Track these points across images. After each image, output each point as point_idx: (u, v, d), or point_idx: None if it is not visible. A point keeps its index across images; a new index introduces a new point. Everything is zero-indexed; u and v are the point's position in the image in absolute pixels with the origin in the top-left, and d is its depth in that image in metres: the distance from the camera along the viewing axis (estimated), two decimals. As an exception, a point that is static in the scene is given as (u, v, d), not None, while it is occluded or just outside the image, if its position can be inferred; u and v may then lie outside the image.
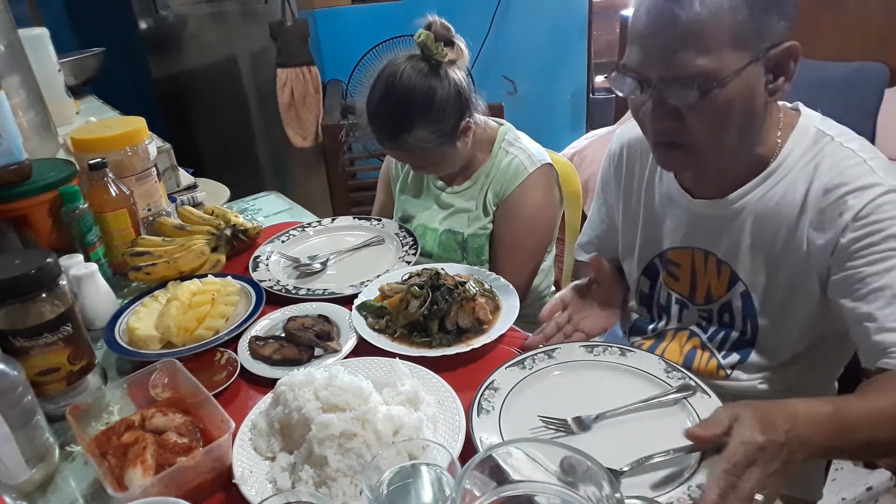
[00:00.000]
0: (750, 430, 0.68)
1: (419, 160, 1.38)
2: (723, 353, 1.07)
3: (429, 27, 1.31)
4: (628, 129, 1.15)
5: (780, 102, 0.97)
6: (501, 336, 1.04)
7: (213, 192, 1.94)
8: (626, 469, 0.75)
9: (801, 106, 0.97)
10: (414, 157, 1.36)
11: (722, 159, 0.93)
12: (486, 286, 1.14)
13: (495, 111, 1.50)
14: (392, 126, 1.29)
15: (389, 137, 1.31)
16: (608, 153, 1.20)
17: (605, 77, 0.98)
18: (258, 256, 1.35)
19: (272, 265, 1.33)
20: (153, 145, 1.45)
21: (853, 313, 0.86)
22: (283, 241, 1.43)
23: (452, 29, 1.34)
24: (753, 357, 1.04)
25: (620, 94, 0.92)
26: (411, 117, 1.27)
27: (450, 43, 1.32)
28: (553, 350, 0.98)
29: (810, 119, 0.95)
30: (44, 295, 0.89)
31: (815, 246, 0.91)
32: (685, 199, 1.03)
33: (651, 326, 1.17)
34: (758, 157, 0.94)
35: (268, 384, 0.94)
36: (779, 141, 0.94)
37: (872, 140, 2.55)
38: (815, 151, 0.91)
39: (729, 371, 1.06)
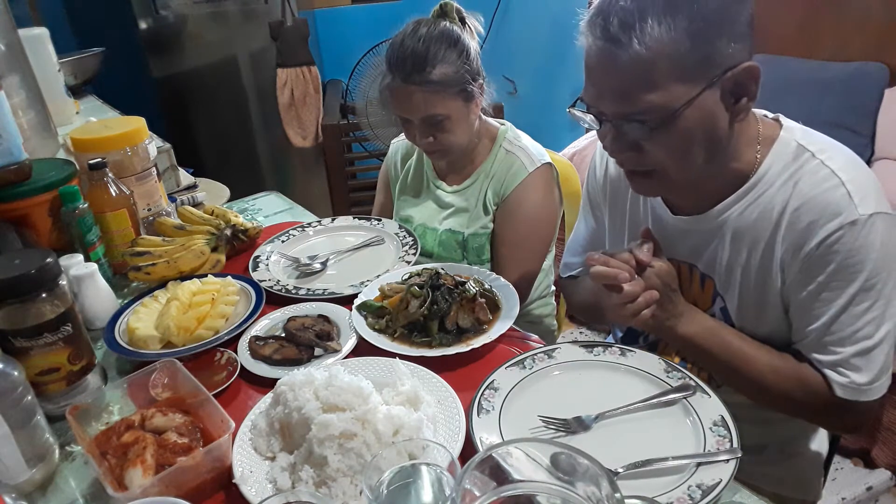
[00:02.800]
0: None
1: (435, 109, 1.31)
2: None
3: (445, 5, 1.36)
4: None
5: (760, 114, 0.95)
6: (501, 336, 1.04)
7: (213, 192, 1.95)
8: (620, 471, 0.75)
9: (782, 118, 0.95)
10: (432, 102, 1.31)
11: (693, 179, 0.92)
12: (486, 286, 1.14)
13: (495, 111, 1.50)
14: (419, 55, 1.28)
15: (414, 68, 1.29)
16: (591, 166, 1.19)
17: (567, 110, 1.00)
18: (258, 256, 1.35)
19: (272, 265, 1.33)
20: (153, 145, 1.45)
21: (795, 330, 0.94)
22: (283, 241, 1.43)
23: (464, 11, 1.38)
24: None
25: (583, 125, 0.93)
26: (438, 50, 1.29)
27: (463, 21, 1.37)
28: (553, 350, 0.98)
29: (791, 132, 0.92)
30: (44, 295, 0.89)
31: (781, 265, 0.91)
32: (667, 214, 1.03)
33: (642, 336, 1.17)
34: (736, 172, 0.93)
35: (268, 384, 0.94)
36: (757, 156, 0.92)
37: (872, 140, 2.55)
38: (796, 167, 0.89)
39: (720, 382, 1.05)
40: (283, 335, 1.07)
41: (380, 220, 1.50)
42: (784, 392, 0.93)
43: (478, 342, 1.01)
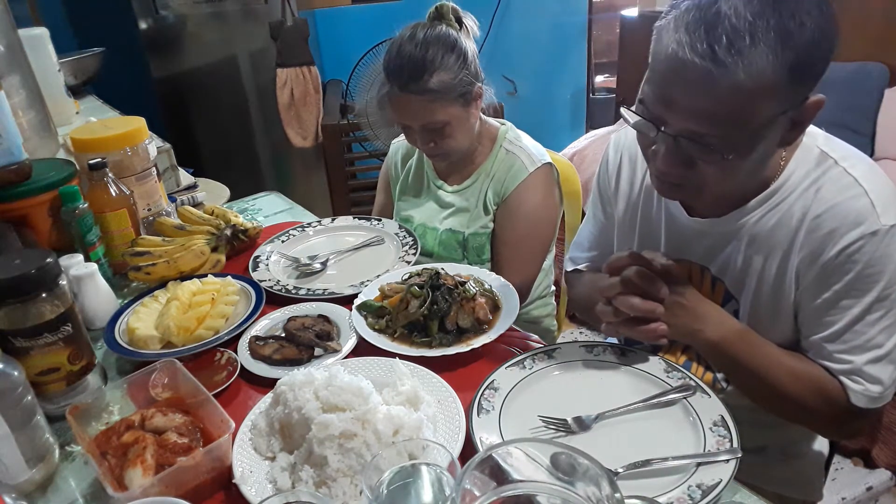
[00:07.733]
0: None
1: (434, 117, 1.31)
2: None
3: (441, 7, 1.36)
4: (625, 136, 1.12)
5: None
6: (501, 336, 1.04)
7: (213, 192, 1.95)
8: (620, 471, 0.75)
9: None
10: (431, 110, 1.31)
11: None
12: (486, 286, 1.14)
13: (495, 111, 1.51)
14: (416, 63, 1.28)
15: (412, 77, 1.28)
16: (604, 160, 1.17)
17: (621, 109, 0.95)
18: (258, 256, 1.35)
19: (272, 265, 1.33)
20: (153, 145, 1.45)
21: (804, 337, 0.94)
22: (283, 241, 1.43)
23: (461, 11, 1.39)
24: None
25: (631, 127, 0.86)
26: (436, 57, 1.28)
27: (460, 22, 1.37)
28: (553, 350, 0.98)
29: (814, 138, 0.91)
30: (44, 295, 0.89)
31: (797, 273, 0.91)
32: (682, 214, 1.01)
33: None
34: (761, 178, 0.92)
35: (268, 384, 0.94)
36: (781, 161, 0.91)
37: (872, 140, 2.55)
38: (818, 174, 0.88)
39: (725, 384, 1.05)
40: (283, 335, 1.07)
41: (380, 220, 1.50)
42: (801, 399, 0.91)
43: (478, 342, 1.01)
